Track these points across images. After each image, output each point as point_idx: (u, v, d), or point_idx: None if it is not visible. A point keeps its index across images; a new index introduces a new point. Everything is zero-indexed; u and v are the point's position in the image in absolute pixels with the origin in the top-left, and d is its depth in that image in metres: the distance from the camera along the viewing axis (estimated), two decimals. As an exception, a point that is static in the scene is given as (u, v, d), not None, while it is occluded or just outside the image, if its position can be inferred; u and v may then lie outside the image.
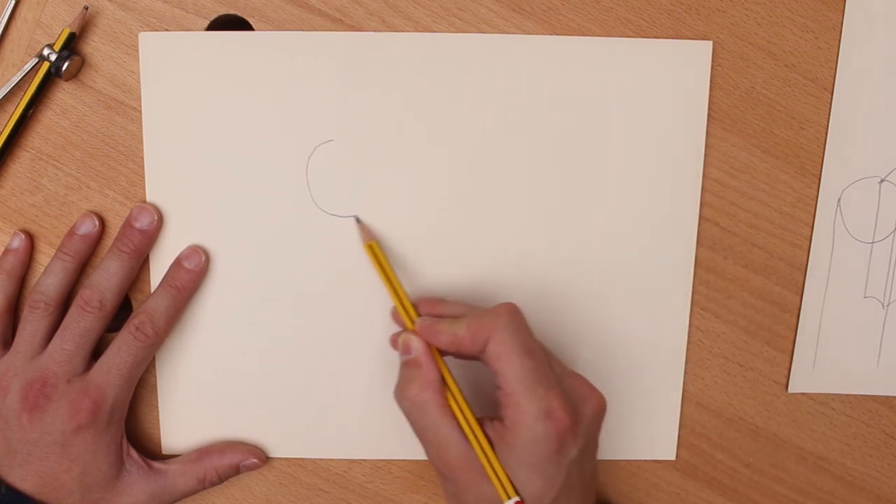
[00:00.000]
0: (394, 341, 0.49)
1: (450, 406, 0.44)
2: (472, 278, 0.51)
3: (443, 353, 0.46)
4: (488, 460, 0.43)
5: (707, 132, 0.51)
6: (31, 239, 0.50)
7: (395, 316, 0.49)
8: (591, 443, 0.45)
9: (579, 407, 0.44)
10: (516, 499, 0.43)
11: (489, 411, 0.45)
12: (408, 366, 0.46)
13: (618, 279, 0.52)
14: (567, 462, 0.43)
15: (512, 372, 0.43)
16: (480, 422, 0.44)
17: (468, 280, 0.51)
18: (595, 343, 0.52)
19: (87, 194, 0.50)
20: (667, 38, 0.50)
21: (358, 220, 0.49)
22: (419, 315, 0.47)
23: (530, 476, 0.43)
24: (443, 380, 0.45)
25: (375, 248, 0.48)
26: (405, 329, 0.47)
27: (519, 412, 0.43)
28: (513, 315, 0.44)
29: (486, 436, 0.44)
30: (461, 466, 0.44)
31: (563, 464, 0.43)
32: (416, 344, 0.46)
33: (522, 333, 0.44)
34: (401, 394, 0.45)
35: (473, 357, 0.45)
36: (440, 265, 0.51)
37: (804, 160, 0.52)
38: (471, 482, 0.44)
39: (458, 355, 0.46)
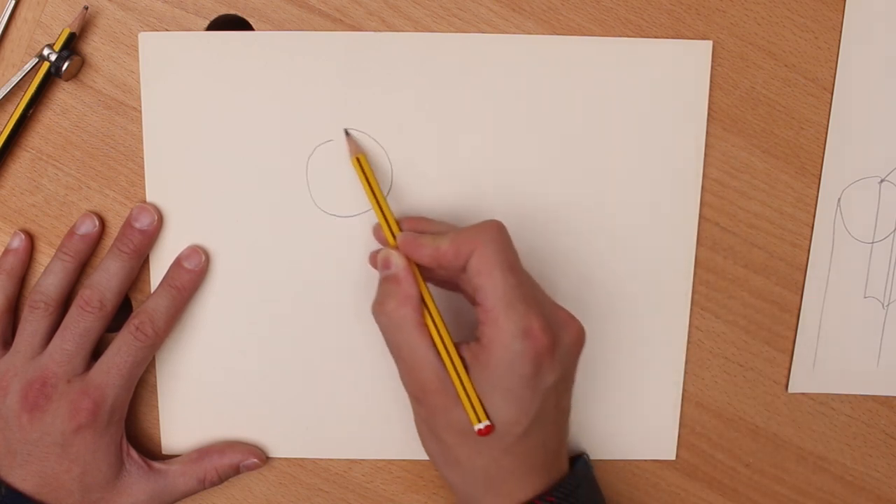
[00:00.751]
0: (373, 258, 0.48)
1: (427, 325, 0.43)
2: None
3: (424, 271, 0.45)
4: (461, 382, 0.42)
5: (707, 132, 0.51)
6: (31, 239, 0.50)
7: (377, 233, 0.48)
8: (569, 373, 0.45)
9: (559, 332, 0.43)
10: (486, 423, 0.42)
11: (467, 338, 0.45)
12: (387, 281, 0.44)
13: (618, 279, 0.52)
14: (543, 388, 0.42)
15: (493, 287, 0.42)
16: (456, 345, 0.43)
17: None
18: (595, 343, 0.52)
19: (87, 194, 0.50)
20: (667, 38, 0.50)
21: (347, 133, 0.48)
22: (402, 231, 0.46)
23: (505, 401, 0.42)
24: (421, 298, 0.44)
25: (363, 161, 0.47)
26: (386, 246, 0.46)
27: (497, 329, 0.42)
28: (498, 231, 0.43)
29: (462, 358, 0.43)
30: (434, 389, 0.43)
31: (538, 390, 0.42)
32: (397, 259, 0.44)
33: (507, 250, 0.43)
34: (378, 308, 0.44)
35: (454, 277, 0.44)
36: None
37: (804, 160, 0.52)
38: (442, 406, 0.43)
39: (440, 276, 0.45)
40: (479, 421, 0.42)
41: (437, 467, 0.47)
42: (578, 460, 0.49)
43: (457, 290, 0.46)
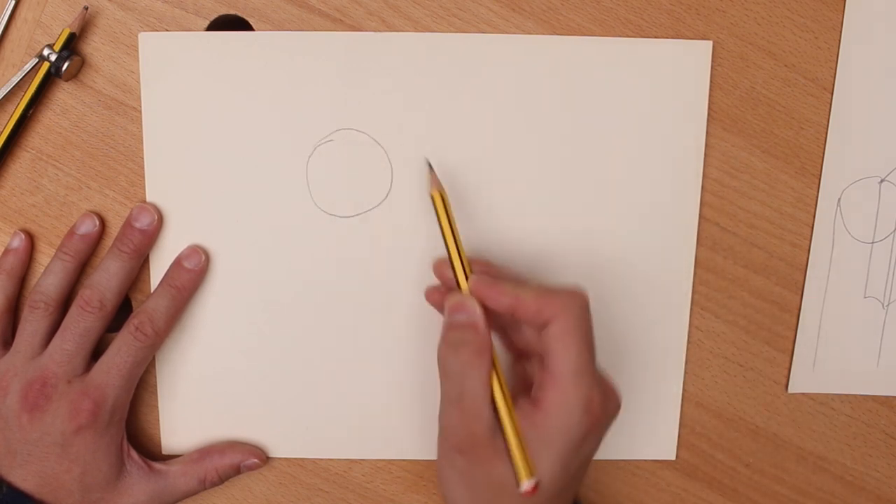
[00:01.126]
0: (431, 295, 0.48)
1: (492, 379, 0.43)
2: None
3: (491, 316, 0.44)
4: (516, 436, 0.42)
5: (707, 132, 0.51)
6: (31, 239, 0.50)
7: (438, 270, 0.48)
8: (601, 439, 0.45)
9: (607, 403, 0.44)
10: (535, 479, 0.42)
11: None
12: (461, 328, 0.44)
13: (618, 279, 0.52)
14: (584, 453, 0.44)
15: (569, 357, 0.42)
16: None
17: (468, 280, 0.51)
18: (595, 342, 0.52)
19: (87, 194, 0.50)
20: (667, 38, 0.50)
21: (430, 167, 0.48)
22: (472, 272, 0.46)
23: (551, 461, 0.43)
24: (493, 350, 0.44)
25: (444, 198, 0.46)
26: (454, 287, 0.45)
27: (563, 397, 0.42)
28: (584, 304, 0.44)
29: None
30: (484, 442, 0.43)
31: (581, 454, 0.43)
32: (474, 307, 0.44)
33: (588, 323, 0.44)
34: (451, 354, 0.44)
35: (514, 330, 0.44)
36: (440, 265, 0.51)
37: (804, 160, 0.52)
38: (484, 460, 0.43)
39: (502, 324, 0.45)
40: (530, 477, 0.42)
41: None
42: None
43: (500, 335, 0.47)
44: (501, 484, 0.43)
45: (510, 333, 0.47)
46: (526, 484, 0.42)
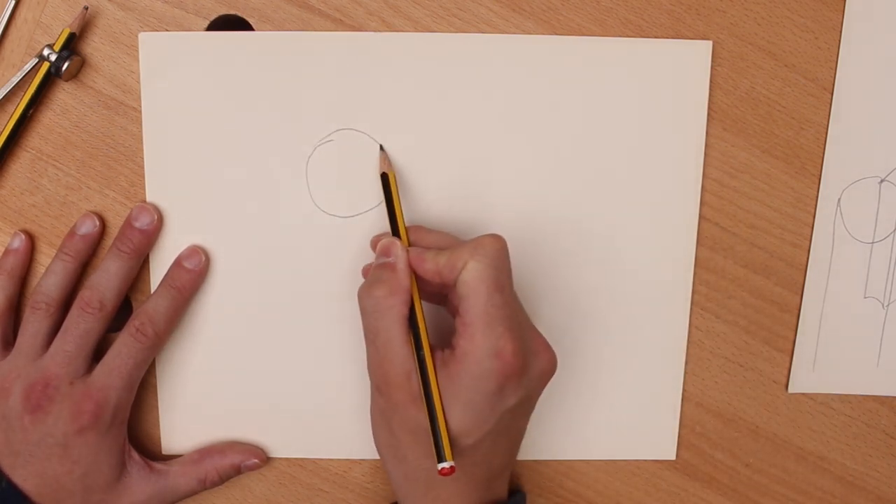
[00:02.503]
0: (374, 243, 0.48)
1: (407, 319, 0.43)
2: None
3: (422, 288, 0.45)
4: (427, 386, 0.42)
5: (707, 132, 0.51)
6: (31, 239, 0.50)
7: (372, 243, 0.49)
8: (531, 399, 0.45)
9: (530, 358, 0.43)
10: (451, 464, 0.42)
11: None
12: (383, 268, 0.44)
13: (618, 279, 0.52)
14: (502, 408, 0.43)
15: (477, 302, 0.42)
16: (431, 347, 0.44)
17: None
18: (595, 343, 0.52)
19: (87, 194, 0.50)
20: (667, 38, 0.50)
21: (382, 149, 0.49)
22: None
23: (463, 411, 0.42)
24: (411, 293, 0.44)
25: (391, 178, 0.48)
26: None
27: (472, 344, 0.42)
28: (495, 248, 0.43)
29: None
30: (399, 383, 0.43)
31: (497, 408, 0.43)
32: (399, 251, 0.45)
33: (499, 268, 0.43)
34: (367, 291, 0.44)
35: (444, 289, 0.44)
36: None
37: (804, 160, 0.52)
38: (402, 402, 0.43)
39: (434, 294, 0.45)
40: (447, 459, 0.42)
41: (382, 459, 0.47)
42: (517, 493, 0.49)
43: (441, 304, 0.47)
44: (415, 427, 0.43)
45: (448, 294, 0.46)
46: (443, 465, 0.42)
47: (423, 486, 0.45)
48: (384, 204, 0.48)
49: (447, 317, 0.46)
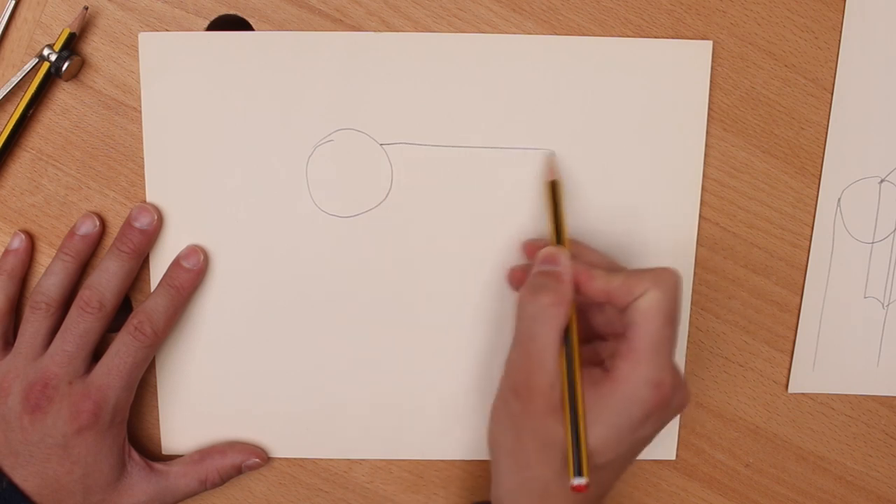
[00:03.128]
0: (529, 247, 0.49)
1: (564, 330, 0.43)
2: (471, 278, 0.51)
3: (581, 299, 0.45)
4: (574, 400, 0.42)
5: (707, 132, 0.51)
6: (31, 239, 0.50)
7: (529, 247, 0.49)
8: (658, 430, 0.45)
9: (676, 393, 0.44)
10: (586, 480, 0.41)
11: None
12: (548, 276, 0.44)
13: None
14: (640, 435, 0.43)
15: (649, 331, 0.42)
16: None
17: (467, 279, 0.51)
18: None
19: (87, 194, 0.50)
20: (667, 38, 0.50)
21: (552, 155, 0.49)
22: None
23: (605, 431, 0.42)
24: (572, 305, 0.44)
25: (558, 187, 0.48)
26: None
27: (634, 370, 0.42)
28: (675, 281, 0.43)
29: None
30: (542, 392, 0.43)
31: (636, 434, 0.43)
32: (566, 262, 0.44)
33: (675, 301, 0.43)
34: (531, 296, 0.44)
35: (602, 305, 0.45)
36: (438, 262, 0.51)
37: (804, 160, 0.52)
38: (540, 411, 0.43)
39: (582, 306, 0.45)
40: (583, 475, 0.42)
41: (494, 460, 0.46)
42: None
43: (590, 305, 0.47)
44: (548, 439, 0.43)
45: (589, 315, 0.47)
46: (577, 481, 0.41)
47: (537, 497, 0.44)
48: (547, 210, 0.48)
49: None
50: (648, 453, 0.53)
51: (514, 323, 0.45)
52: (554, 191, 0.48)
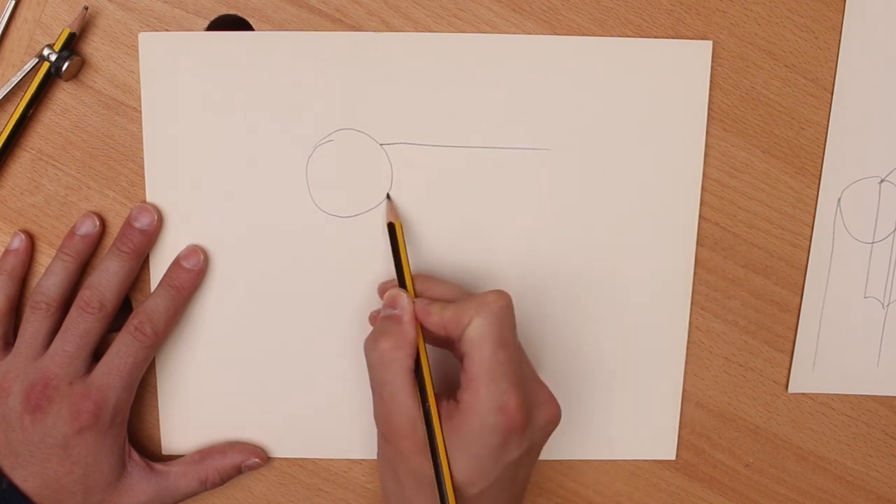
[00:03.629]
0: (381, 291, 0.49)
1: (413, 370, 0.44)
2: (471, 277, 0.51)
3: (427, 335, 0.45)
4: (433, 437, 0.43)
5: (707, 132, 0.51)
6: (31, 239, 0.50)
7: (380, 291, 0.49)
8: (534, 450, 0.45)
9: (534, 411, 0.44)
10: None
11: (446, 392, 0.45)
12: (389, 320, 0.45)
13: (617, 279, 0.52)
14: (505, 460, 0.43)
15: (481, 359, 0.42)
16: (437, 397, 0.44)
17: (466, 278, 0.51)
18: (595, 343, 0.52)
19: (87, 194, 0.50)
20: (667, 38, 0.50)
21: (388, 198, 0.49)
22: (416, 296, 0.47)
23: (467, 463, 0.43)
24: (416, 345, 0.44)
25: (397, 229, 0.48)
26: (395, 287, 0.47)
27: (476, 400, 0.42)
28: (500, 304, 0.44)
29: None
30: (405, 434, 0.43)
31: (500, 461, 0.43)
32: (405, 303, 0.45)
33: (503, 325, 0.43)
34: (372, 343, 0.44)
35: (451, 342, 0.45)
36: (438, 263, 0.51)
37: (804, 160, 0.52)
38: (407, 451, 0.43)
39: (439, 340, 0.45)
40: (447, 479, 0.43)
41: (385, 500, 0.47)
42: None
43: (447, 348, 0.47)
44: (420, 477, 0.43)
45: (453, 345, 0.47)
46: None
47: None
48: (390, 252, 0.48)
49: (454, 362, 0.46)
50: (648, 453, 0.54)
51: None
52: (393, 233, 0.48)
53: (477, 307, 0.43)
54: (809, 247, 0.52)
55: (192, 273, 0.49)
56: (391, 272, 0.50)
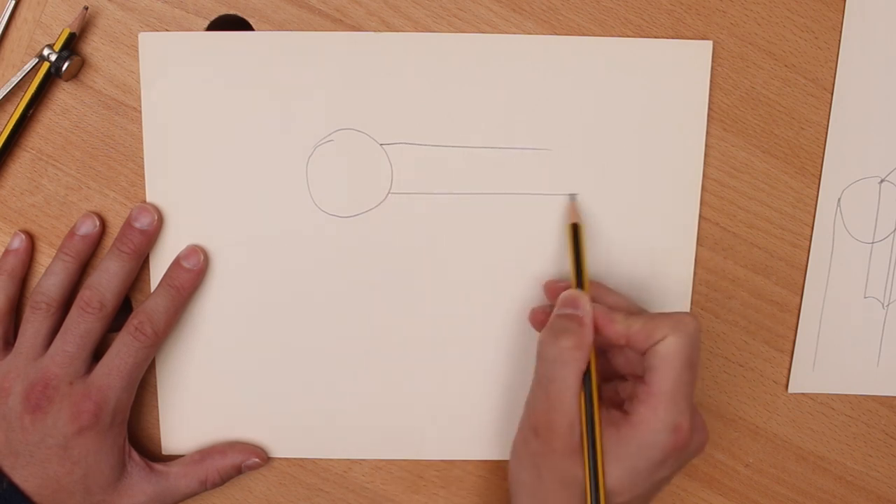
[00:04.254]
0: (550, 288, 0.49)
1: (583, 372, 0.44)
2: (471, 276, 0.51)
3: (601, 341, 0.46)
4: (593, 442, 0.43)
5: (707, 132, 0.51)
6: (31, 239, 0.50)
7: (550, 288, 0.50)
8: (678, 472, 0.46)
9: (695, 436, 0.44)
10: None
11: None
12: (570, 320, 0.45)
13: (618, 280, 0.52)
14: (658, 477, 0.44)
15: (669, 377, 0.43)
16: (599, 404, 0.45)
17: (467, 278, 0.51)
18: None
19: (87, 194, 0.50)
20: (667, 38, 0.50)
21: (572, 198, 0.50)
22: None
23: (623, 473, 0.43)
24: (592, 349, 0.45)
25: (580, 230, 0.48)
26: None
27: (653, 414, 0.43)
28: (694, 327, 0.44)
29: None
30: (562, 433, 0.44)
31: (654, 477, 0.44)
32: (587, 305, 0.45)
33: (695, 347, 0.44)
34: (551, 339, 0.45)
35: (618, 347, 0.45)
36: (438, 262, 0.51)
37: (804, 160, 0.52)
38: (559, 451, 0.44)
39: (603, 347, 0.46)
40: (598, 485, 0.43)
41: (514, 493, 0.47)
42: None
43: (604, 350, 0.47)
44: (567, 479, 0.44)
45: (609, 355, 0.48)
46: None
47: None
48: (569, 253, 0.49)
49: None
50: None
51: (535, 364, 0.46)
52: (576, 234, 0.48)
53: (673, 326, 0.44)
54: (809, 247, 0.52)
55: (193, 273, 0.49)
56: (391, 272, 0.50)
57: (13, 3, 0.48)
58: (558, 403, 0.44)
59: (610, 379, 0.48)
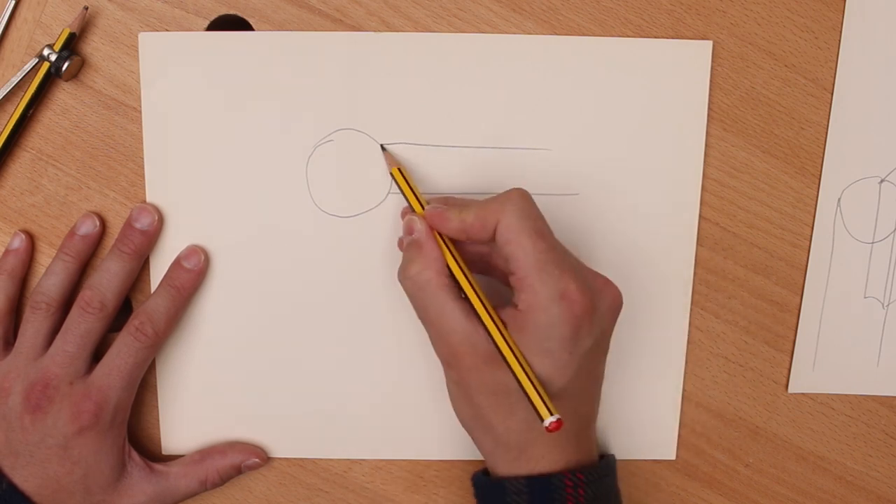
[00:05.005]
0: (400, 243, 0.49)
1: (452, 286, 0.43)
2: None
3: (466, 257, 0.45)
4: (506, 342, 0.42)
5: (707, 132, 0.51)
6: (31, 239, 0.50)
7: (405, 214, 0.49)
8: (605, 339, 0.44)
9: (596, 296, 0.43)
10: (557, 417, 0.40)
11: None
12: (410, 246, 0.45)
13: (617, 279, 0.51)
14: (580, 352, 0.42)
15: (523, 254, 0.42)
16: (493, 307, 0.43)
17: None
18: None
19: (87, 194, 0.50)
20: (667, 38, 0.50)
21: (383, 148, 0.49)
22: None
23: (541, 361, 0.42)
24: (445, 261, 0.44)
25: (403, 172, 0.48)
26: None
27: (533, 294, 0.41)
28: (521, 198, 0.43)
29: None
30: (464, 350, 0.43)
31: (575, 352, 0.42)
32: (419, 225, 0.45)
33: (532, 216, 0.43)
34: (402, 273, 0.44)
35: (486, 253, 0.44)
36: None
37: (804, 160, 0.52)
38: (473, 367, 0.43)
39: (473, 253, 0.45)
40: (551, 415, 0.40)
41: (468, 432, 0.46)
42: (607, 455, 0.49)
43: (486, 272, 0.46)
44: (496, 387, 0.43)
45: (490, 261, 0.46)
46: (549, 420, 0.40)
47: (514, 449, 0.44)
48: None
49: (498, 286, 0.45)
50: (648, 453, 0.53)
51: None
52: (400, 176, 0.47)
53: (500, 206, 0.42)
54: (809, 247, 0.52)
55: (193, 273, 0.49)
56: (391, 271, 0.50)
57: (13, 3, 0.48)
58: (443, 325, 0.43)
59: (506, 283, 0.46)
